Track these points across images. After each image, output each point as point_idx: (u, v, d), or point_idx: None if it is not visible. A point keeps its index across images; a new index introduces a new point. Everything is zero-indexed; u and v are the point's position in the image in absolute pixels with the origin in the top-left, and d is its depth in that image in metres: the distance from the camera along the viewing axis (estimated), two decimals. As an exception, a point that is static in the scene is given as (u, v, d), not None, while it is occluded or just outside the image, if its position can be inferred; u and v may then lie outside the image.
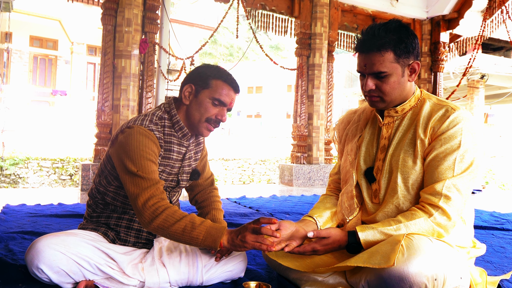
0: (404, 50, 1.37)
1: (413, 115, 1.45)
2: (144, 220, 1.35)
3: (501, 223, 3.14)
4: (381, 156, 1.46)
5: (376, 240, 1.31)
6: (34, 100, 16.33)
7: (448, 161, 1.32)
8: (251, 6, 5.58)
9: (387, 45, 1.35)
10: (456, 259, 1.25)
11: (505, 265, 2.04)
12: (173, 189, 1.61)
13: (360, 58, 1.42)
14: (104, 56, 4.57)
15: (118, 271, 1.40)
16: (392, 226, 1.31)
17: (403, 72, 1.39)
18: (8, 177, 7.81)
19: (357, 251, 1.34)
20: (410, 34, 1.38)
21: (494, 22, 5.96)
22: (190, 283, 1.50)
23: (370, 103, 1.47)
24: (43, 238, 1.36)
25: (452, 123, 1.33)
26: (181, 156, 1.57)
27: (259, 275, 1.67)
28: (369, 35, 1.38)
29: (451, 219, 1.30)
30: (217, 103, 1.49)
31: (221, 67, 1.58)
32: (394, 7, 6.25)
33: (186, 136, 1.55)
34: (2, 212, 3.03)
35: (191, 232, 1.29)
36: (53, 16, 14.74)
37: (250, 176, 10.23)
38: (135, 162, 1.38)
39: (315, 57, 5.80)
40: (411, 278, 1.16)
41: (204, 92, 1.49)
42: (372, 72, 1.38)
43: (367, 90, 1.41)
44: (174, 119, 1.53)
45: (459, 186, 1.30)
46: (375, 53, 1.36)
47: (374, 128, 1.55)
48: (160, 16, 5.03)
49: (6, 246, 1.98)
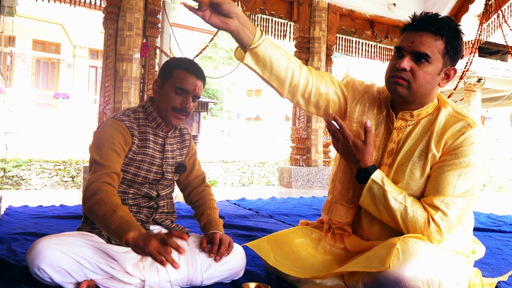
0: (454, 49, 1.32)
1: (427, 123, 1.38)
2: (83, 200, 1.40)
3: (498, 225, 3.15)
4: (388, 161, 1.41)
5: (376, 195, 1.31)
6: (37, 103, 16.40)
7: (453, 176, 1.28)
8: (250, 10, 5.64)
9: (444, 33, 1.29)
10: (453, 263, 1.24)
11: (502, 267, 2.04)
12: (158, 181, 1.64)
13: (408, 35, 1.32)
14: (105, 60, 4.64)
15: (119, 270, 1.41)
16: (397, 199, 1.30)
17: (440, 70, 1.33)
18: (11, 179, 7.87)
19: (360, 181, 1.36)
20: (462, 41, 1.34)
21: (491, 26, 5.99)
22: (190, 282, 1.51)
23: (392, 86, 1.34)
24: (43, 239, 1.37)
25: (466, 140, 1.29)
26: (159, 146, 1.62)
27: (258, 276, 1.69)
28: (429, 16, 1.31)
29: (442, 235, 1.29)
30: (180, 91, 1.55)
31: (186, 58, 1.64)
32: (392, 11, 6.30)
33: (160, 126, 1.61)
34: (5, 213, 3.04)
35: (110, 217, 1.29)
36: (55, 20, 14.82)
37: (249, 178, 10.29)
38: (98, 151, 1.46)
39: (314, 60, 5.86)
40: (406, 282, 1.16)
41: (168, 82, 1.56)
42: (417, 51, 1.29)
43: (401, 67, 1.30)
44: (147, 111, 1.61)
45: (458, 205, 1.28)
46: (429, 34, 1.29)
47: (382, 127, 1.46)
48: (161, 20, 5.07)
49: (9, 247, 2.00)
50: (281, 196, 4.87)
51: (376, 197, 1.32)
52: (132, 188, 1.61)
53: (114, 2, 4.55)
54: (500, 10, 5.49)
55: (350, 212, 1.50)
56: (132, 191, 1.60)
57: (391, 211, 1.30)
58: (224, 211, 3.42)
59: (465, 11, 6.08)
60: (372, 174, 1.33)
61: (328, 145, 6.12)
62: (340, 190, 1.52)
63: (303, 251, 1.55)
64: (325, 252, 1.55)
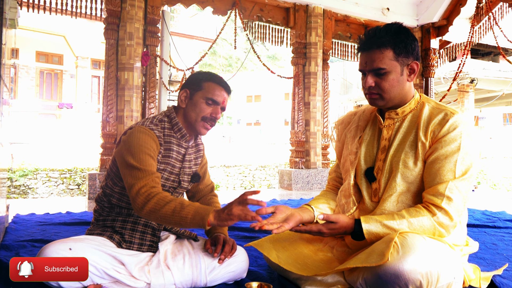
0: (403, 50, 1.41)
1: (413, 117, 1.48)
2: (137, 206, 1.39)
3: (493, 221, 3.20)
4: (382, 156, 1.49)
5: (378, 232, 1.34)
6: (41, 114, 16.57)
7: (450, 163, 1.34)
8: (248, 18, 5.74)
9: (387, 43, 1.40)
10: (449, 256, 1.27)
11: (497, 261, 2.08)
12: (175, 189, 1.67)
13: (361, 57, 1.46)
14: (107, 69, 4.72)
15: (125, 274, 1.43)
16: (396, 220, 1.34)
17: (402, 71, 1.43)
18: (18, 188, 7.97)
19: (361, 238, 1.37)
20: (410, 35, 1.43)
21: (482, 28, 6.08)
22: (194, 284, 1.53)
23: (370, 101, 1.49)
24: (51, 244, 1.38)
25: (451, 126, 1.36)
26: (181, 156, 1.65)
27: (261, 276, 1.70)
28: (370, 35, 1.44)
29: (453, 220, 1.33)
30: (211, 102, 1.59)
31: (213, 72, 1.71)
32: (386, 16, 6.40)
33: (185, 137, 1.64)
34: (13, 221, 3.06)
35: (181, 212, 1.32)
36: (57, 32, 15.01)
37: (251, 182, 10.37)
38: (135, 156, 1.45)
39: (311, 65, 5.96)
40: (406, 275, 1.18)
41: (198, 93, 1.60)
42: (372, 68, 1.42)
43: (367, 87, 1.44)
44: (173, 121, 1.63)
45: (461, 188, 1.33)
46: (375, 50, 1.41)
47: (374, 129, 1.57)
48: (160, 30, 5.19)
49: (17, 254, 2.03)
50: (282, 198, 4.92)
51: (380, 234, 1.34)
52: None
53: (115, 13, 4.66)
54: (491, 12, 5.58)
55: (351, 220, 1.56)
56: None
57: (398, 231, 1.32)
58: (226, 214, 3.46)
59: (457, 14, 6.17)
60: (363, 223, 1.36)
61: (327, 147, 6.21)
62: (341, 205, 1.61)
63: (305, 248, 1.58)
64: (326, 249, 1.59)
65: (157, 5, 4.95)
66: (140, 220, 1.60)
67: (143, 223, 1.61)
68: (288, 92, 13.50)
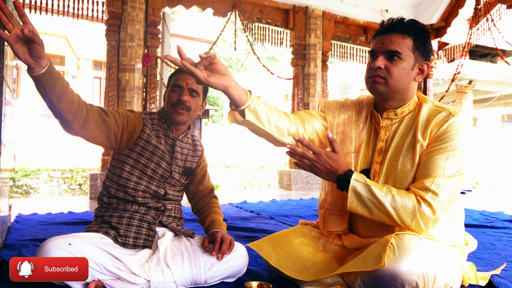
0: (422, 46, 1.40)
1: (411, 119, 1.45)
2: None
3: (491, 221, 3.21)
4: (379, 159, 1.46)
5: (361, 194, 1.32)
6: (43, 114, 16.61)
7: (441, 160, 1.33)
8: (247, 19, 5.78)
9: (411, 31, 1.38)
10: (447, 256, 1.27)
11: (495, 261, 2.09)
12: (166, 179, 1.71)
13: (378, 38, 1.43)
14: (109, 70, 4.77)
15: (125, 270, 1.45)
16: (382, 191, 1.32)
17: (413, 65, 1.40)
18: (20, 188, 8.01)
19: (342, 188, 1.36)
20: (429, 38, 1.43)
21: (480, 30, 6.11)
22: (194, 281, 1.55)
23: (371, 86, 1.43)
24: (51, 240, 1.39)
25: (450, 126, 1.35)
26: (170, 147, 1.74)
27: (261, 275, 1.72)
28: (395, 20, 1.41)
29: (435, 214, 1.30)
30: (176, 89, 1.70)
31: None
32: (384, 17, 6.42)
33: (171, 128, 1.74)
34: (15, 221, 3.07)
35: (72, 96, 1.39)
36: (59, 33, 15.08)
37: (250, 182, 10.40)
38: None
39: (310, 66, 6.00)
40: (402, 277, 1.18)
41: (168, 88, 1.75)
42: (388, 49, 1.38)
43: (376, 66, 1.39)
44: (161, 114, 1.78)
45: (448, 185, 1.31)
46: (397, 34, 1.38)
47: (370, 130, 1.54)
48: (161, 31, 5.19)
49: (19, 253, 2.04)
50: (281, 198, 4.92)
51: (362, 196, 1.32)
52: (143, 181, 1.66)
53: (116, 15, 4.71)
54: (489, 14, 5.62)
55: (344, 219, 1.55)
56: (141, 188, 1.66)
57: (380, 204, 1.31)
58: (226, 213, 3.46)
59: (455, 16, 6.19)
60: (352, 176, 1.34)
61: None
62: (330, 202, 1.58)
63: (304, 250, 1.59)
64: (324, 250, 1.59)
65: (158, 7, 5.00)
66: (135, 215, 1.64)
67: (139, 218, 1.64)
68: (288, 93, 13.53)
